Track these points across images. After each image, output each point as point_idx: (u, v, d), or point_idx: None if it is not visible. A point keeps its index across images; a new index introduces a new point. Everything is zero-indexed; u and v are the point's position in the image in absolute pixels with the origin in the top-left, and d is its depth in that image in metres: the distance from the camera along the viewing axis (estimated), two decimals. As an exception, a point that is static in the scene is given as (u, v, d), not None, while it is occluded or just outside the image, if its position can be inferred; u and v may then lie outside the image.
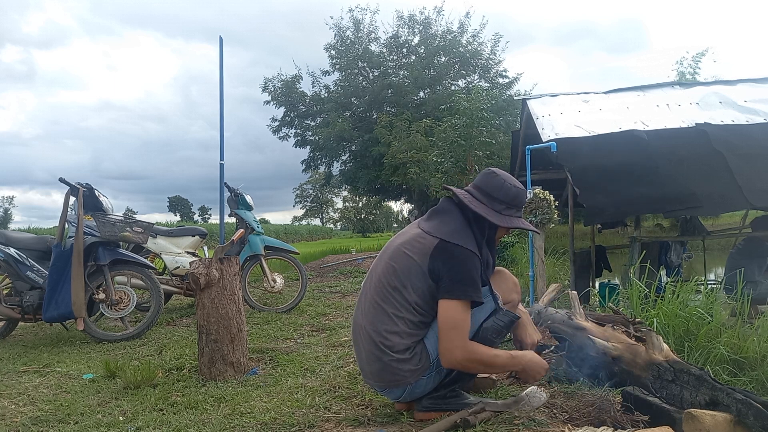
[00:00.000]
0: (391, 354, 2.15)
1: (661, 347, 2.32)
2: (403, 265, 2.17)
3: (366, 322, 2.22)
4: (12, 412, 2.81)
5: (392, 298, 2.17)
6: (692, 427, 1.77)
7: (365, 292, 2.30)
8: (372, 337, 2.18)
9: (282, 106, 24.50)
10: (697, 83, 8.21)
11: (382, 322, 2.17)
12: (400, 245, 2.24)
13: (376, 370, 2.21)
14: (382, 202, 41.03)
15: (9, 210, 62.85)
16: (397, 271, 2.17)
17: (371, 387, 2.42)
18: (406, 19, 23.91)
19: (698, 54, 14.61)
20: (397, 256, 2.22)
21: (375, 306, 2.20)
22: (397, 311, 2.15)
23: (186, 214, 79.04)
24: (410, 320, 2.16)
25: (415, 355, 2.16)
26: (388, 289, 2.18)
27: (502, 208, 2.24)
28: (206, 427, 2.42)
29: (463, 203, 2.24)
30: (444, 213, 2.26)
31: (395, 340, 2.15)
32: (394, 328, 2.15)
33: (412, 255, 2.16)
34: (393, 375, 2.18)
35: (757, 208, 5.30)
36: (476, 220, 2.22)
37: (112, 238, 4.61)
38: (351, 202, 63.81)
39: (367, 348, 2.22)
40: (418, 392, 2.24)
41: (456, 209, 2.27)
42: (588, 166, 5.17)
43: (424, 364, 2.17)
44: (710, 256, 8.59)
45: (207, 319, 3.23)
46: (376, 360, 2.19)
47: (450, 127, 13.43)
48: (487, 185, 2.27)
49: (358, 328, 2.28)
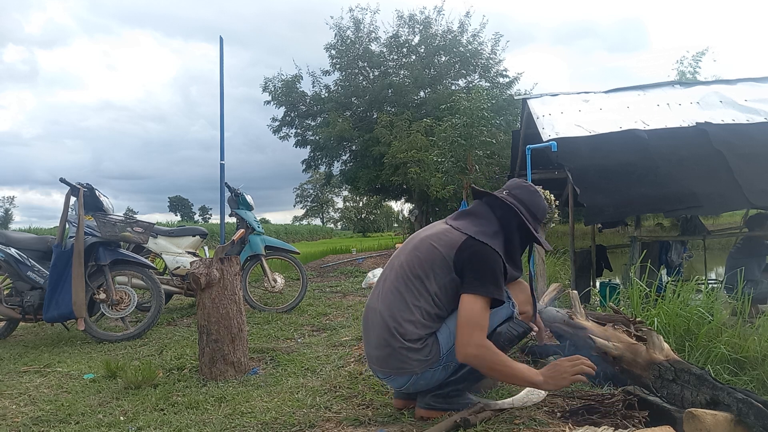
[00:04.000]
0: (402, 341, 2.16)
1: (661, 347, 2.32)
2: (427, 255, 2.20)
3: (382, 307, 2.23)
4: (13, 412, 2.82)
5: (413, 287, 2.18)
6: (693, 426, 1.77)
7: (385, 279, 2.31)
8: (386, 322, 2.19)
9: (282, 106, 24.46)
10: (698, 83, 8.20)
11: (399, 309, 2.18)
12: (426, 237, 2.27)
13: (384, 355, 2.21)
14: (383, 202, 40.99)
15: (9, 210, 62.97)
16: (422, 260, 2.20)
17: (374, 373, 2.41)
18: (407, 19, 23.86)
19: (698, 53, 14.54)
20: (422, 246, 2.24)
21: (394, 292, 2.21)
22: (416, 300, 2.17)
23: (186, 214, 79.06)
24: (427, 311, 2.17)
25: (426, 347, 2.17)
26: (410, 276, 2.20)
27: (537, 226, 2.34)
28: (207, 426, 2.42)
29: (513, 213, 2.27)
30: (475, 215, 2.29)
31: (409, 328, 2.16)
32: (410, 316, 2.16)
33: (438, 246, 2.19)
34: (401, 362, 2.18)
35: (758, 207, 5.30)
36: (511, 229, 2.25)
37: (113, 238, 4.61)
38: (351, 202, 63.80)
39: (379, 333, 2.22)
40: (422, 384, 2.23)
41: (489, 213, 2.28)
42: (588, 166, 5.16)
43: (433, 356, 2.17)
44: (711, 256, 8.58)
45: (208, 319, 3.23)
46: (385, 345, 2.19)
47: (450, 126, 13.42)
48: (532, 204, 2.34)
49: (372, 312, 2.28)
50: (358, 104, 24.25)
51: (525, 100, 6.78)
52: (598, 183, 5.04)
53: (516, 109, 16.50)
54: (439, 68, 23.15)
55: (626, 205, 4.97)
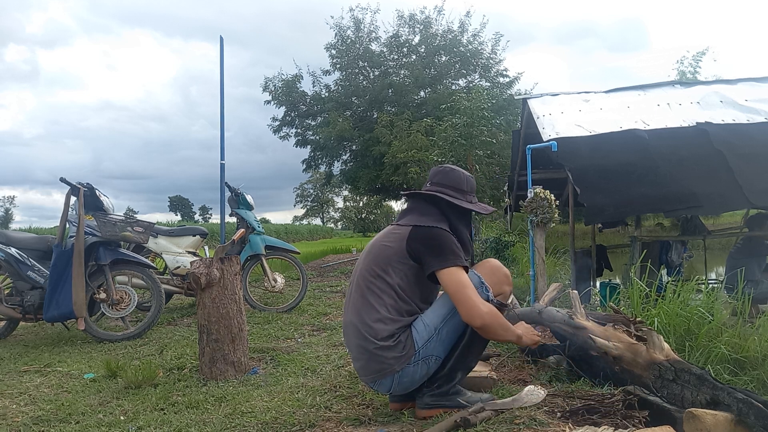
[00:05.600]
0: (375, 341, 2.20)
1: (661, 347, 2.32)
2: (381, 253, 2.30)
3: (353, 317, 2.29)
4: (13, 412, 2.82)
5: (374, 287, 2.25)
6: (693, 426, 1.77)
7: (350, 292, 2.38)
8: (358, 329, 2.24)
9: (282, 106, 24.47)
10: (698, 82, 8.19)
11: (366, 311, 2.24)
12: (376, 241, 2.40)
13: (364, 361, 2.26)
14: (383, 202, 40.99)
15: (10, 210, 62.94)
16: (377, 260, 2.29)
17: (366, 384, 2.46)
18: (407, 19, 23.87)
19: (699, 53, 14.53)
20: (374, 249, 2.35)
21: (359, 300, 2.28)
22: (379, 298, 2.23)
23: (187, 213, 79.03)
24: (391, 305, 2.22)
25: (399, 343, 2.20)
26: (369, 278, 2.27)
27: (467, 197, 2.43)
28: (207, 426, 2.42)
29: (438, 198, 2.37)
30: (414, 210, 2.40)
31: (379, 327, 2.20)
32: (377, 315, 2.21)
33: (389, 243, 2.30)
34: (378, 364, 2.21)
35: (758, 207, 5.30)
36: (446, 213, 2.36)
37: (113, 237, 4.61)
38: (351, 202, 63.83)
39: (355, 342, 2.27)
40: (406, 382, 2.25)
41: (425, 206, 2.39)
42: (588, 166, 5.16)
43: (408, 351, 2.20)
44: (711, 256, 8.58)
45: (208, 318, 3.23)
46: (363, 351, 2.24)
47: (450, 126, 13.43)
48: (452, 181, 2.43)
49: (347, 325, 2.35)
50: (358, 104, 24.25)
51: (525, 99, 6.77)
52: (599, 183, 5.03)
53: (516, 109, 16.50)
54: (440, 68, 23.16)
55: (626, 205, 4.97)
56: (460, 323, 2.23)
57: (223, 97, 5.70)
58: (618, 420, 2.04)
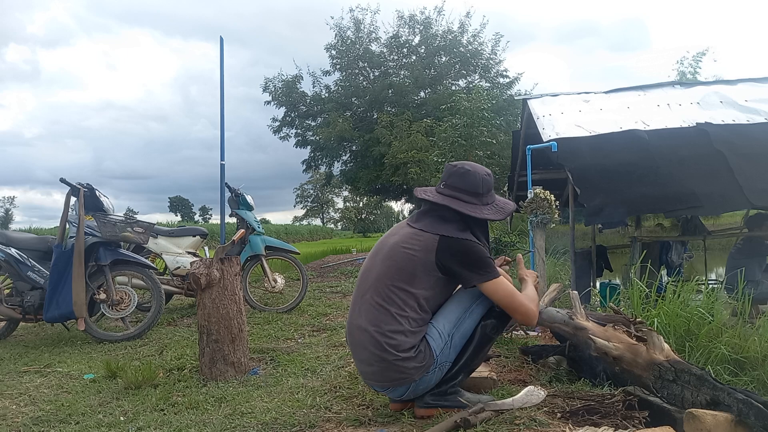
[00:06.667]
0: (396, 354, 2.16)
1: (662, 347, 2.32)
2: (405, 262, 2.21)
3: (367, 324, 2.22)
4: (13, 413, 2.82)
5: (396, 298, 2.18)
6: (693, 426, 1.77)
7: (361, 294, 2.30)
8: (376, 338, 2.18)
9: (283, 106, 24.49)
10: (698, 83, 8.21)
11: (385, 322, 2.18)
12: (396, 244, 2.27)
13: (379, 370, 2.22)
14: (383, 202, 41.04)
15: (10, 210, 63.07)
16: (401, 269, 2.20)
17: (371, 387, 2.44)
18: (407, 19, 23.89)
19: (699, 54, 14.60)
20: (395, 254, 2.24)
21: (377, 307, 2.21)
22: (401, 310, 2.18)
23: (187, 214, 79.02)
24: (414, 318, 2.19)
25: (419, 353, 2.18)
26: (392, 288, 2.19)
27: (484, 198, 2.35)
28: (207, 427, 2.42)
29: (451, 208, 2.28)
30: (434, 213, 2.31)
31: (401, 339, 2.16)
32: (399, 327, 2.17)
33: (414, 252, 2.20)
34: (399, 374, 2.19)
35: (758, 207, 5.30)
36: (466, 220, 2.29)
37: (113, 238, 4.61)
38: (351, 202, 63.86)
39: (370, 350, 2.21)
40: (421, 389, 2.26)
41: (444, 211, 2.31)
42: (589, 166, 5.16)
43: (428, 360, 2.20)
44: (711, 256, 8.58)
45: (208, 319, 3.23)
46: (379, 360, 2.20)
47: (450, 127, 13.44)
48: (467, 184, 2.33)
49: (357, 329, 2.27)
50: (358, 104, 24.28)
51: (525, 100, 6.78)
52: (599, 183, 5.03)
53: (516, 110, 16.50)
54: (440, 68, 23.18)
55: (627, 205, 4.97)
56: (470, 327, 2.25)
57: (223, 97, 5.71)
58: (618, 420, 2.04)
